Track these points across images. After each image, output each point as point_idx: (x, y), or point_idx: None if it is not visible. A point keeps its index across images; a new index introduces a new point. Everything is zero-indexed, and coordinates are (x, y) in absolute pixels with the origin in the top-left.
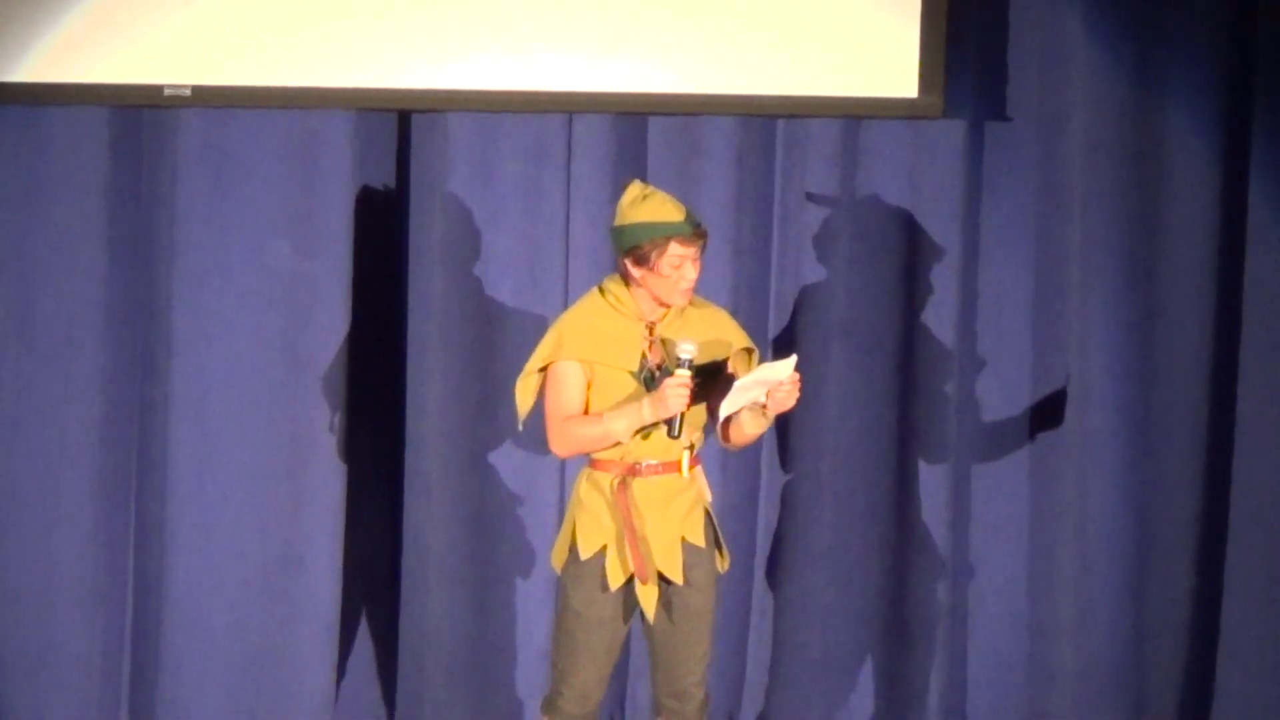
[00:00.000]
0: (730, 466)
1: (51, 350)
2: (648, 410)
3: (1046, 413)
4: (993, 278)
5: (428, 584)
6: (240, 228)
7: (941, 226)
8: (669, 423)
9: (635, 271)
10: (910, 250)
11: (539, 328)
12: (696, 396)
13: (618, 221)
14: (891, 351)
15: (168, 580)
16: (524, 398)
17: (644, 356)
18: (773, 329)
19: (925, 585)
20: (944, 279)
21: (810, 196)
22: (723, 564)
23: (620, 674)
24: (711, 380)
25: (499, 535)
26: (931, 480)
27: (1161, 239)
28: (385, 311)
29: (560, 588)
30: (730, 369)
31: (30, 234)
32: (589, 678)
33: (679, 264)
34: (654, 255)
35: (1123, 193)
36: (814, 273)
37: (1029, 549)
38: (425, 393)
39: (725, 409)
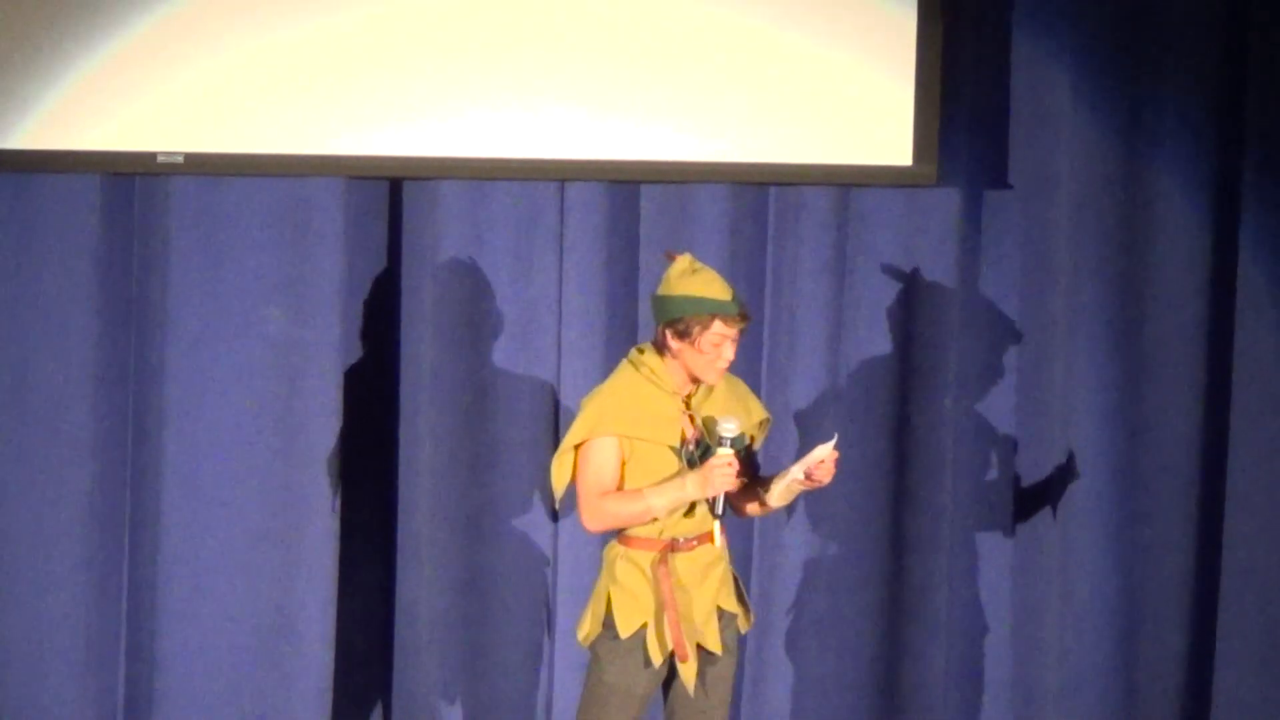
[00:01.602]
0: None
1: (43, 416)
2: (692, 488)
3: (1031, 495)
4: (984, 345)
5: (420, 649)
6: (232, 294)
7: (936, 293)
8: (712, 501)
9: (674, 344)
10: (905, 317)
11: (532, 393)
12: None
13: (663, 291)
14: (886, 417)
15: (160, 646)
16: (560, 475)
17: (684, 433)
18: (766, 397)
19: (921, 651)
20: (938, 346)
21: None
22: (746, 624)
23: None
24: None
25: (493, 601)
26: (924, 546)
27: (1150, 304)
28: (378, 377)
29: (592, 662)
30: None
31: (22, 300)
32: None
33: (719, 343)
34: (696, 330)
35: (1111, 258)
36: (807, 340)
37: (1012, 616)
38: (418, 458)
39: (784, 495)
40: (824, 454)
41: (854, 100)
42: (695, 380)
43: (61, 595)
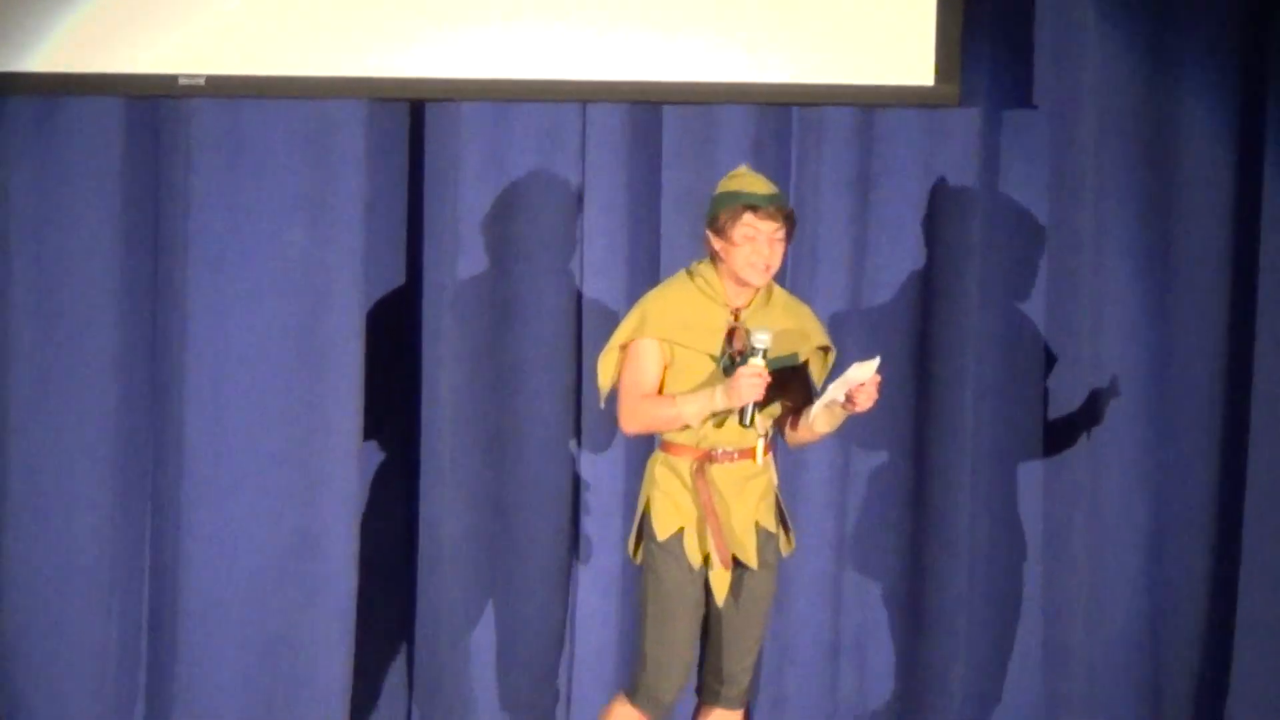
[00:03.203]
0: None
1: (67, 339)
2: (720, 398)
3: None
4: (1007, 264)
5: (443, 570)
6: (255, 215)
7: (957, 214)
8: (741, 411)
9: (716, 245)
10: (926, 237)
11: (554, 313)
12: (771, 389)
13: (712, 195)
14: (909, 336)
15: (183, 567)
16: (605, 374)
17: (726, 342)
18: None
19: (944, 571)
20: (960, 265)
21: None
22: (788, 547)
23: None
24: (789, 376)
25: (515, 521)
26: (949, 466)
27: (1176, 224)
28: (400, 298)
29: (645, 574)
30: (806, 367)
31: (46, 223)
32: (678, 661)
33: (753, 235)
34: (729, 224)
35: (1137, 178)
36: (829, 260)
37: (1042, 533)
38: (440, 379)
39: (817, 408)
40: (864, 375)
41: (876, 20)
42: (745, 285)
43: (86, 515)
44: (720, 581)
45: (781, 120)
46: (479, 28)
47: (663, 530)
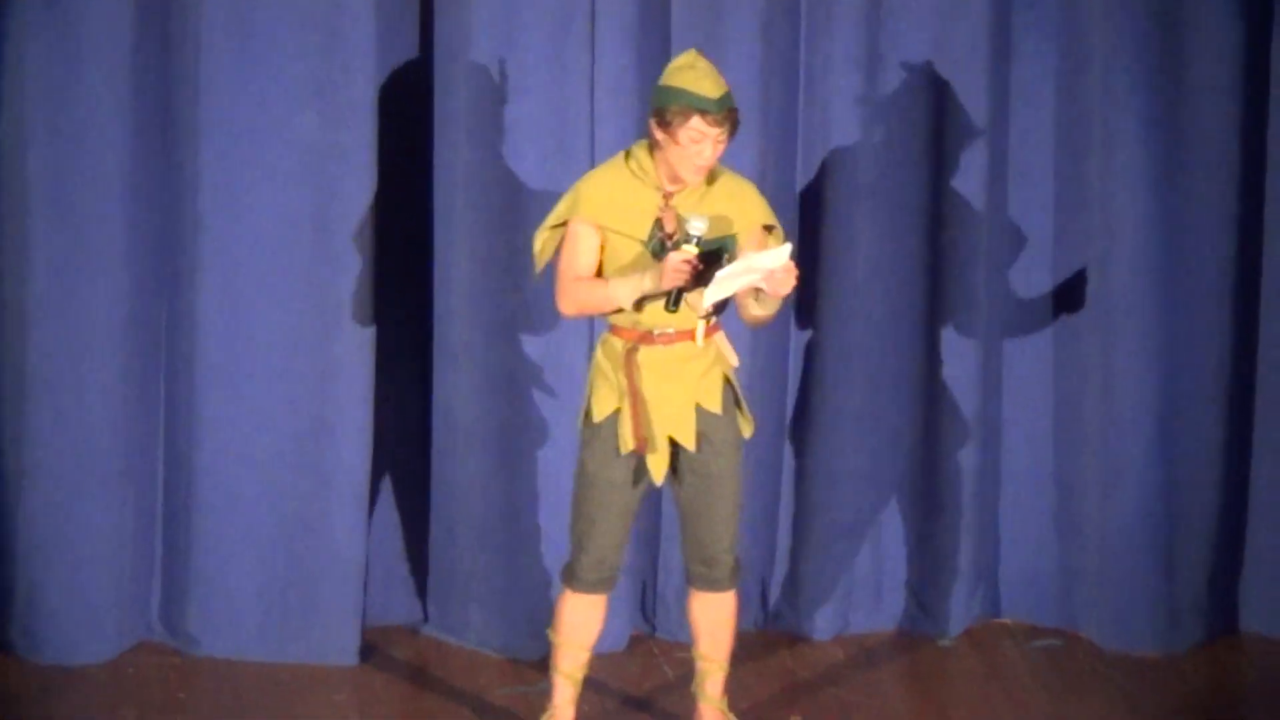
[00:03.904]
0: (758, 332)
1: (79, 227)
2: (649, 281)
3: (1069, 291)
4: (1019, 139)
5: (457, 452)
6: (265, 100)
7: (969, 88)
8: (667, 295)
9: (657, 134)
10: (937, 113)
11: None
12: (701, 275)
13: (659, 81)
14: (920, 214)
15: (198, 452)
16: (542, 251)
17: (656, 226)
18: (800, 192)
19: (954, 448)
20: (972, 141)
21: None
22: (747, 428)
23: (652, 540)
24: (718, 261)
25: (528, 403)
26: (960, 342)
27: (1184, 99)
28: (411, 181)
29: (579, 455)
30: (740, 249)
31: (56, 112)
32: (605, 543)
33: (698, 139)
34: (676, 123)
35: (1145, 49)
36: (841, 136)
37: (1054, 408)
38: (452, 262)
39: (710, 296)
40: (777, 262)
41: None
42: (677, 180)
43: (100, 403)
44: (654, 464)
45: None
46: None
47: (599, 411)
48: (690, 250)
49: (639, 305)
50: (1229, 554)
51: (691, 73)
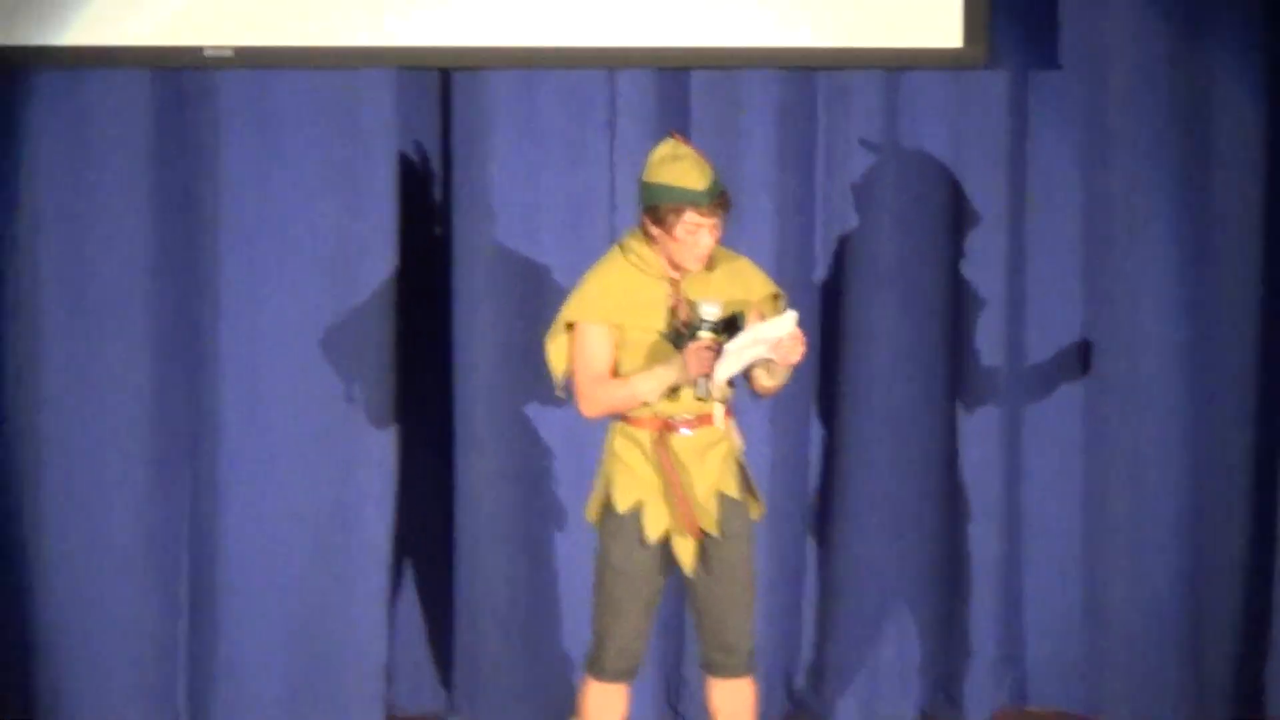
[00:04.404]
0: (779, 418)
1: (101, 315)
2: (675, 372)
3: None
4: (1039, 226)
5: (481, 542)
6: (285, 188)
7: (986, 176)
8: (696, 383)
9: (653, 230)
10: (955, 200)
11: None
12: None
13: (644, 176)
14: (940, 300)
15: (222, 542)
16: (557, 360)
17: (672, 315)
18: (820, 278)
19: (979, 534)
20: (990, 228)
21: (863, 142)
22: (757, 512)
23: (676, 628)
24: (734, 336)
25: (551, 491)
26: (983, 428)
27: (1209, 182)
28: (432, 269)
29: (598, 542)
30: (757, 317)
31: (76, 199)
32: (630, 633)
33: (694, 231)
34: (670, 218)
35: (1169, 137)
36: (859, 224)
37: (1082, 494)
38: (473, 349)
39: (722, 372)
40: (784, 331)
41: None
42: (679, 268)
43: (124, 495)
44: (685, 550)
45: (808, 84)
46: None
47: (623, 503)
48: (707, 335)
49: (672, 397)
50: (1255, 641)
51: (677, 165)
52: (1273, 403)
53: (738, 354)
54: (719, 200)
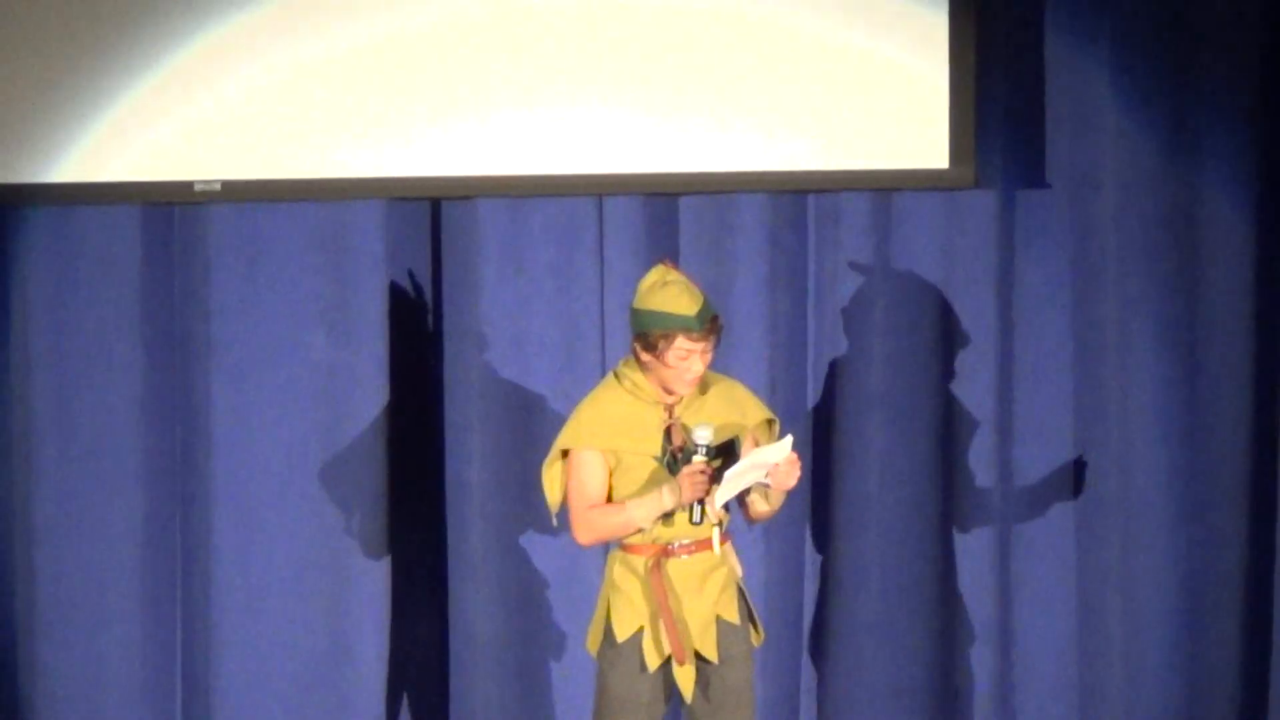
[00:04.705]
0: (774, 543)
1: (91, 449)
2: (668, 498)
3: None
4: (1029, 345)
5: (476, 671)
6: (275, 320)
7: (976, 295)
8: (691, 508)
9: (644, 356)
10: (945, 320)
11: None
12: (716, 480)
13: (634, 303)
14: (931, 421)
15: (215, 676)
16: (551, 488)
17: (667, 440)
18: (811, 403)
19: (973, 654)
20: (981, 348)
21: (853, 264)
22: (757, 638)
23: None
24: (729, 461)
25: (546, 619)
26: (975, 549)
27: (1199, 301)
28: (423, 398)
29: (597, 671)
30: (752, 442)
31: (66, 333)
32: None
33: (685, 357)
34: (661, 345)
35: (1158, 256)
36: (850, 345)
37: (1076, 614)
38: (466, 478)
39: (720, 497)
40: (779, 456)
41: (889, 105)
42: (672, 393)
43: (116, 628)
44: (684, 678)
45: (797, 207)
46: (494, 126)
47: (622, 631)
48: (701, 460)
49: (667, 522)
50: None
51: (666, 291)
52: (1265, 519)
53: (735, 479)
54: (710, 325)
